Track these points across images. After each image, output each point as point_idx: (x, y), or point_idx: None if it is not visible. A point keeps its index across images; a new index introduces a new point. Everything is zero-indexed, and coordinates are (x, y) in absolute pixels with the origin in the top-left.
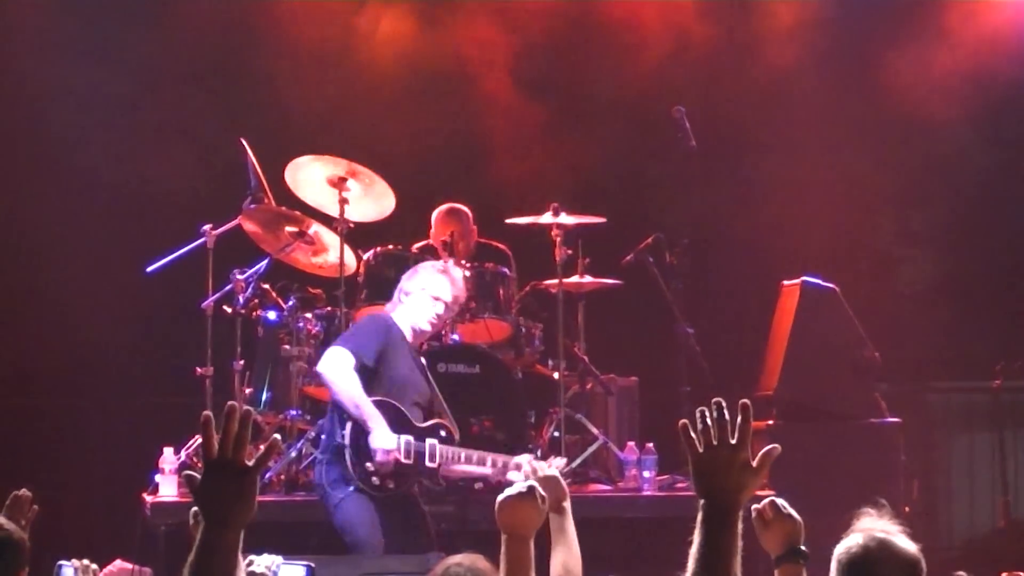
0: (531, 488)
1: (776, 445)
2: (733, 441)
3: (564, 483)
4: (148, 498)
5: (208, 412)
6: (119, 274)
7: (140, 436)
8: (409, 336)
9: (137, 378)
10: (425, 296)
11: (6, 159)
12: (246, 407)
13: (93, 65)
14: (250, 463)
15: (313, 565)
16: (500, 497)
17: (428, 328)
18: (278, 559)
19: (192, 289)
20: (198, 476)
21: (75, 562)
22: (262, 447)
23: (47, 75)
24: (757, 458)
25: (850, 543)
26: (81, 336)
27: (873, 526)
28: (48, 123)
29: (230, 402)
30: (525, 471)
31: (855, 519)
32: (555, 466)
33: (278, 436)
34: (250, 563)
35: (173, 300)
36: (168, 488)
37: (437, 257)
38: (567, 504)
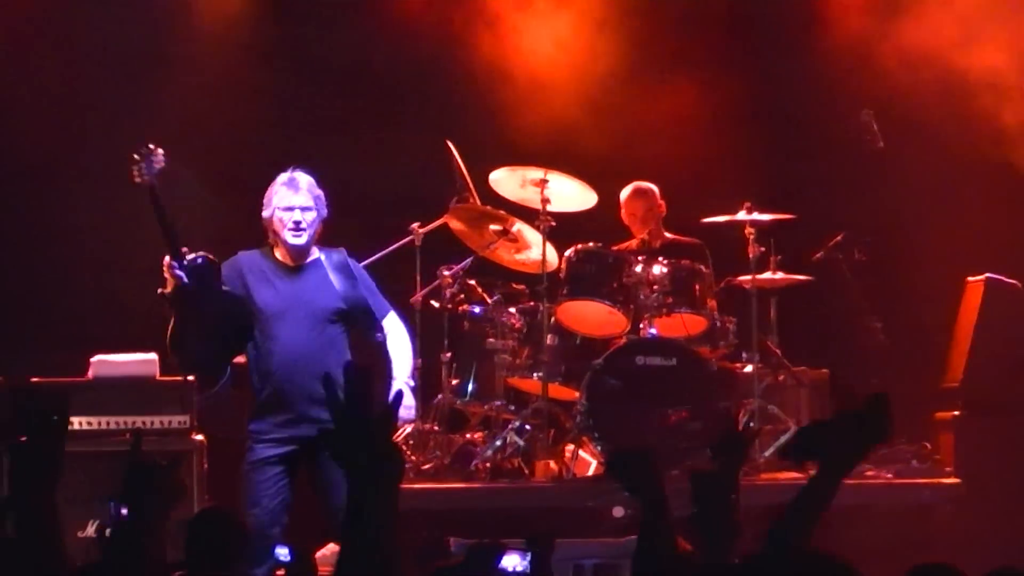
0: None
1: None
2: None
3: None
4: None
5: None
6: None
7: None
8: (283, 257)
9: None
10: (272, 211)
11: (227, 163)
12: (365, 368)
13: (302, 70)
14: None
15: (534, 550)
16: None
17: (294, 240)
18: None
19: (401, 285)
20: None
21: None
22: (473, 435)
23: (257, 82)
24: None
25: None
26: None
27: None
28: (258, 128)
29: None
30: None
31: None
32: None
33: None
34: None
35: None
36: None
37: (636, 254)
38: None
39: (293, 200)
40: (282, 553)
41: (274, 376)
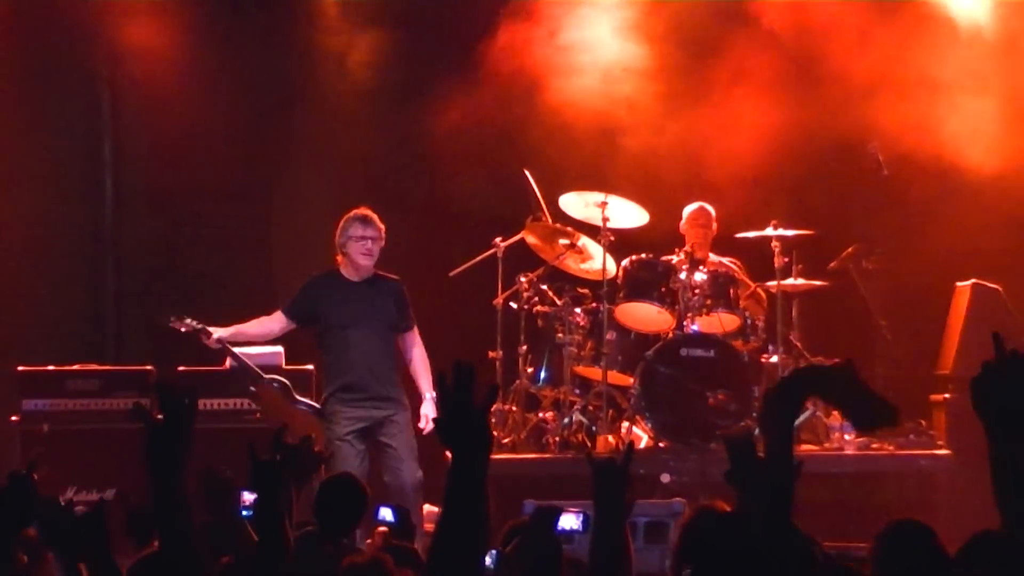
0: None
1: None
2: None
3: None
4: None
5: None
6: (427, 277)
7: None
8: (349, 274)
9: (440, 363)
10: (348, 239)
11: (342, 184)
12: (468, 362)
13: (416, 111)
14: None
15: (590, 513)
16: None
17: (365, 262)
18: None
19: (485, 289)
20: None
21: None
22: (545, 414)
23: (370, 116)
24: None
25: None
26: None
27: None
28: (375, 155)
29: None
30: None
31: None
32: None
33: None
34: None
35: (470, 298)
36: None
37: (684, 259)
38: None
39: (366, 232)
40: (385, 513)
41: (350, 372)
